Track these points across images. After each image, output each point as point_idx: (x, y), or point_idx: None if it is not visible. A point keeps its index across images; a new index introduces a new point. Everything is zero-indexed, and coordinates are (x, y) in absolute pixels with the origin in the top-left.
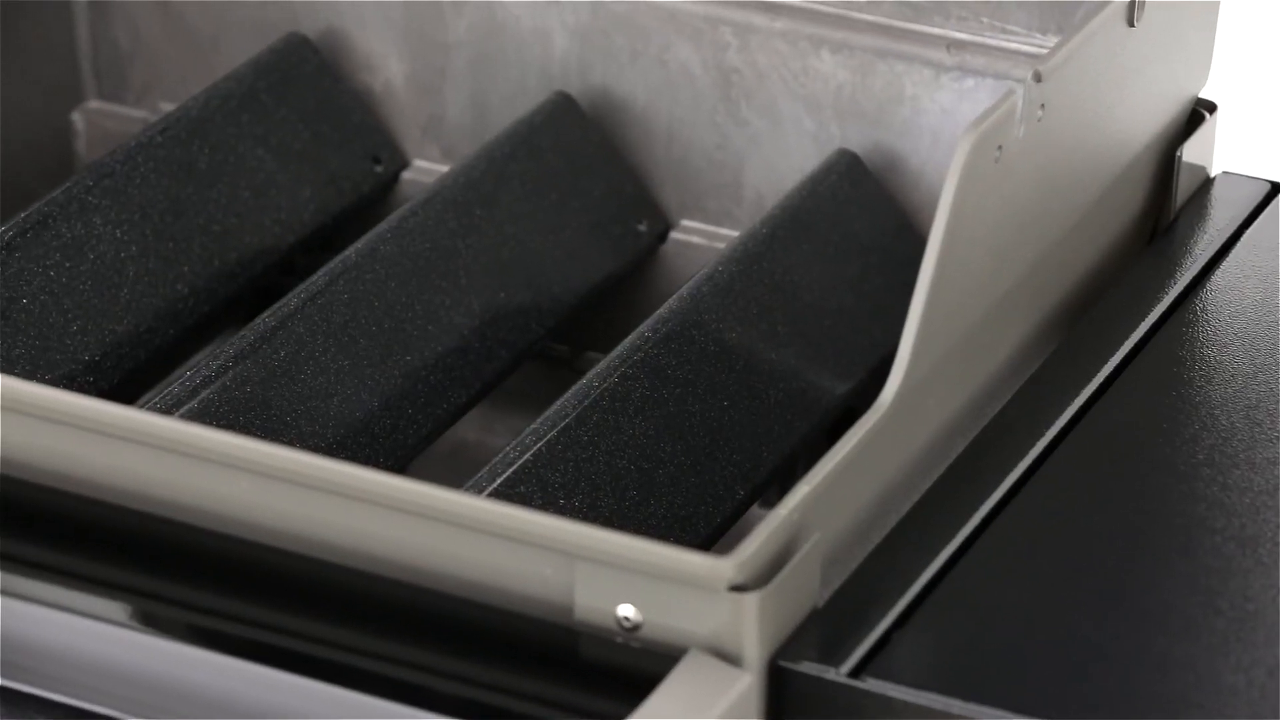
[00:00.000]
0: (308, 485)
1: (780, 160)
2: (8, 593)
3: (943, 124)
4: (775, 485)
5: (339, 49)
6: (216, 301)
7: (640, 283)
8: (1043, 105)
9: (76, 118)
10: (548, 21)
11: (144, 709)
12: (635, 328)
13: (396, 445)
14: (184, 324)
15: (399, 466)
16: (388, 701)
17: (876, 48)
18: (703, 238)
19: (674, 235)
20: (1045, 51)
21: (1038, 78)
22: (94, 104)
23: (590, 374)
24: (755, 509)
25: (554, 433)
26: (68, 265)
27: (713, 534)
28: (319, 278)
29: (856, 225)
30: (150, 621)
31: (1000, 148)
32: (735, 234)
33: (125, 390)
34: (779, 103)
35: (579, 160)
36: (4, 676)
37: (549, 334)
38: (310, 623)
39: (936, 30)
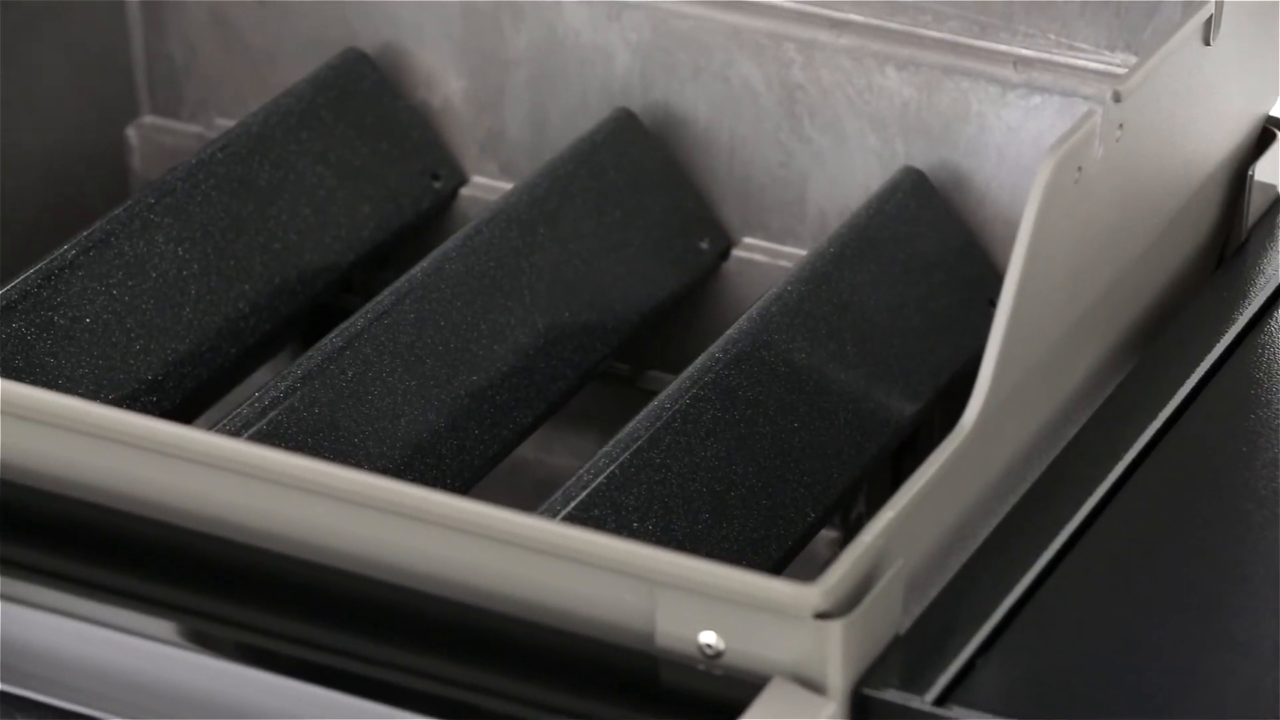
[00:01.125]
0: (384, 509)
1: (844, 178)
2: (58, 610)
3: (1009, 141)
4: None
5: (397, 64)
6: (278, 320)
7: (701, 301)
8: (1120, 125)
9: (131, 133)
10: (609, 38)
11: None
12: (696, 346)
13: (463, 466)
14: (245, 343)
15: (464, 487)
16: None
17: (942, 64)
18: (765, 255)
19: (736, 253)
20: (1113, 68)
21: (1117, 98)
22: (148, 119)
23: (661, 395)
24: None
25: (627, 455)
26: (130, 284)
27: (784, 557)
28: (385, 297)
29: (922, 244)
30: (220, 647)
31: (1080, 169)
32: (798, 252)
33: (186, 409)
34: (843, 120)
35: (641, 177)
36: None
37: (613, 353)
38: (381, 647)
39: (1003, 47)
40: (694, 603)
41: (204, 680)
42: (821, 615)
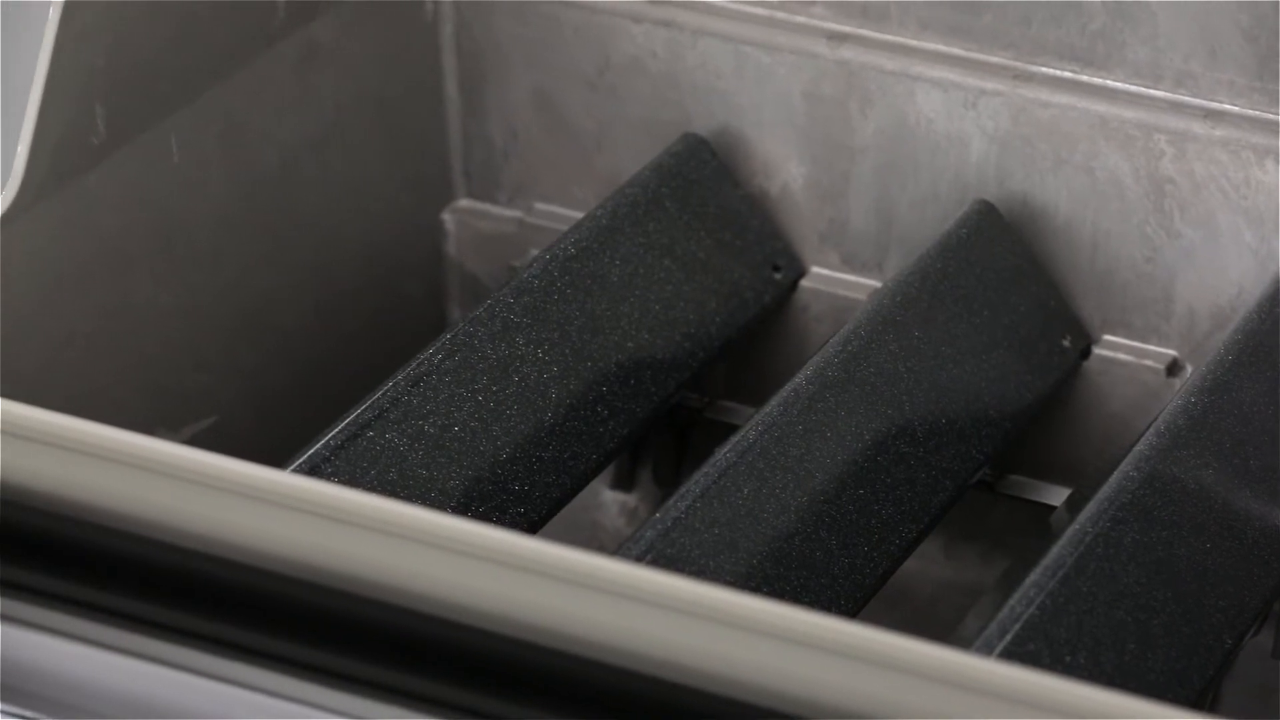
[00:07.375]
0: (817, 647)
1: (1214, 276)
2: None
3: None
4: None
5: (732, 150)
6: (634, 423)
7: (1060, 402)
8: None
9: (447, 217)
10: (964, 126)
11: None
12: (1054, 449)
13: (855, 586)
14: (605, 448)
15: (854, 610)
16: None
17: None
18: (1129, 355)
19: (1097, 352)
20: None
21: None
22: (464, 203)
23: (1081, 518)
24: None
25: (1054, 583)
26: (494, 389)
27: (1204, 688)
28: (773, 408)
29: None
30: None
31: None
32: (1164, 351)
33: (548, 519)
34: (1216, 215)
35: (1004, 273)
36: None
37: (987, 461)
38: None
39: None
40: None
41: None
42: None
